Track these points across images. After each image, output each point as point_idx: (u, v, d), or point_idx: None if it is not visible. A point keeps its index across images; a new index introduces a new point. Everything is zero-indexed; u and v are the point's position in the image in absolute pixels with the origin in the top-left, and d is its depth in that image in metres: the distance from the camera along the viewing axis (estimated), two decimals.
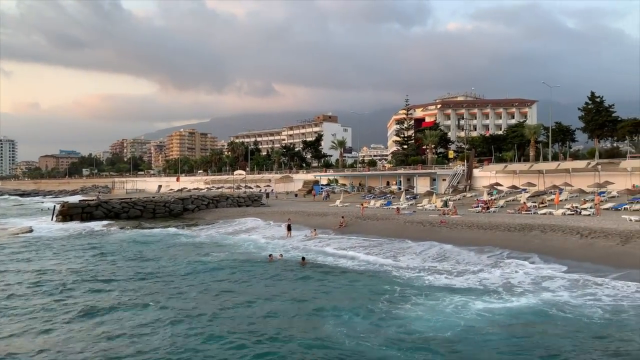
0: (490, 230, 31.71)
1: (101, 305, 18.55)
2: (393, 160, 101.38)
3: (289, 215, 44.82)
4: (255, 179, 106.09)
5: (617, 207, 40.56)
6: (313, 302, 18.87)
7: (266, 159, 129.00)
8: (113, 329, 15.83)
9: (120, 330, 15.69)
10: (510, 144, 78.93)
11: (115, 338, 14.98)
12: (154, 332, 15.45)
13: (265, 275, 23.84)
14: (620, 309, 16.81)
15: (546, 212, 40.34)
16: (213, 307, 18.14)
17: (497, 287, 20.32)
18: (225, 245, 34.24)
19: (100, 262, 28.42)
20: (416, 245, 30.16)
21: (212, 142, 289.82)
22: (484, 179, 63.63)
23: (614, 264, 22.29)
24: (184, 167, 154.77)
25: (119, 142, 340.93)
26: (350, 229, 38.06)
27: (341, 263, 26.71)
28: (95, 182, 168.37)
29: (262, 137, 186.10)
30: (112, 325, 16.24)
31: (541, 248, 26.38)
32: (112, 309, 18.09)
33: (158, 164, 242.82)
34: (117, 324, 16.36)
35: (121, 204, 55.74)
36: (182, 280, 22.96)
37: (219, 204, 61.71)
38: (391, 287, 20.70)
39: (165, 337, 14.90)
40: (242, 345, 14.26)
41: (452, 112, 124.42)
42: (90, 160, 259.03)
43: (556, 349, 13.48)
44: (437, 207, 47.83)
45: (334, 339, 14.43)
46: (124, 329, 15.73)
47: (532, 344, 13.97)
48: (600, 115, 70.77)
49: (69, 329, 15.95)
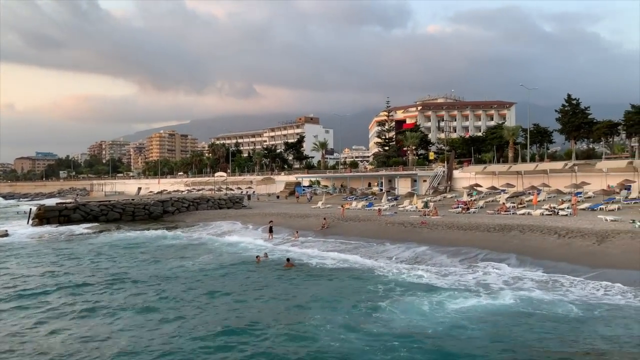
0: (470, 231, 32.01)
1: (77, 309, 18.23)
2: (374, 161, 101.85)
3: (271, 217, 44.64)
4: (236, 181, 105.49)
5: (593, 207, 41.37)
6: (296, 301, 18.90)
7: (247, 160, 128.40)
8: (88, 334, 15.55)
9: (97, 334, 15.43)
10: (489, 146, 79.97)
11: (89, 342, 14.74)
12: (134, 335, 15.22)
13: (251, 277, 23.71)
14: (589, 307, 17.23)
15: (525, 212, 40.93)
16: (195, 310, 17.97)
17: (474, 286, 20.64)
18: (207, 248, 33.97)
19: (77, 266, 27.89)
20: (397, 247, 30.36)
21: (193, 144, 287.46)
22: (463, 180, 64.34)
23: (589, 263, 22.71)
24: (164, 169, 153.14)
25: (97, 144, 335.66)
26: (332, 231, 38.08)
27: (324, 264, 26.81)
28: (73, 185, 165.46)
29: (244, 138, 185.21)
30: (85, 330, 15.96)
31: (520, 248, 26.70)
32: (87, 314, 17.80)
33: (137, 166, 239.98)
34: (90, 329, 16.08)
35: (100, 207, 54.84)
36: (164, 284, 22.65)
37: (200, 206, 61.17)
38: (374, 287, 20.90)
39: (147, 339, 14.72)
40: (224, 346, 14.20)
41: (432, 114, 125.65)
42: (68, 162, 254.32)
43: (529, 344, 13.90)
44: (418, 208, 48.18)
45: (317, 339, 14.43)
46: (101, 334, 15.47)
47: (509, 340, 14.29)
48: (576, 117, 72.11)
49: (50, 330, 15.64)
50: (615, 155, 62.48)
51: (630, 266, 21.46)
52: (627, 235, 25.53)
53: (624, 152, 64.55)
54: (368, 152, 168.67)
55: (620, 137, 75.46)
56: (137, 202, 59.64)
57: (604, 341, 14.00)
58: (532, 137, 76.75)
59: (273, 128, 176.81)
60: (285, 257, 27.45)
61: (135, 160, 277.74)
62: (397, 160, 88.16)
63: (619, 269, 21.36)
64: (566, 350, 13.44)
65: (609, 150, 69.02)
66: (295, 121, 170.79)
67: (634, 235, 25.36)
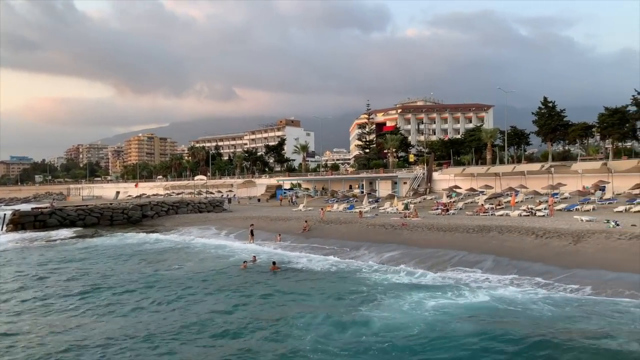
0: (450, 232, 32.32)
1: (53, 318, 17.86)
2: (355, 164, 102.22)
3: (252, 220, 44.44)
4: (216, 184, 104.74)
5: (569, 208, 42.18)
6: (277, 306, 18.84)
7: (228, 163, 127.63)
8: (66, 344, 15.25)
9: (76, 342, 15.14)
10: (468, 148, 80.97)
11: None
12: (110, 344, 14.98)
13: (236, 282, 23.51)
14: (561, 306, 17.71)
15: (503, 213, 41.51)
16: (176, 317, 17.76)
17: (451, 287, 20.94)
18: (189, 253, 33.63)
19: (52, 273, 27.31)
20: (377, 248, 30.54)
21: (172, 147, 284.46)
22: (443, 182, 64.99)
23: (564, 264, 23.12)
24: (142, 173, 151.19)
25: (74, 148, 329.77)
26: (313, 233, 38.08)
27: (308, 266, 26.98)
28: (49, 189, 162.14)
29: (224, 141, 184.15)
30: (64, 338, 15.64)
31: (498, 249, 27.07)
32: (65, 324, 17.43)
33: (116, 169, 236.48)
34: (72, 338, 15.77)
35: (77, 211, 53.91)
36: (142, 291, 22.35)
37: (179, 210, 60.57)
38: (356, 288, 21.11)
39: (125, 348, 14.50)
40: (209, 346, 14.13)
41: (412, 117, 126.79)
42: (44, 167, 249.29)
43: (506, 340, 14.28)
44: (398, 210, 48.49)
45: (297, 344, 14.40)
46: (80, 341, 15.19)
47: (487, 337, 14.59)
48: (552, 119, 73.46)
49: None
50: (590, 156, 63.86)
51: (606, 265, 21.95)
52: (601, 235, 26.09)
53: (598, 153, 66.03)
54: (349, 155, 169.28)
55: (594, 139, 77.02)
56: (116, 206, 58.80)
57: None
58: (509, 139, 77.98)
59: (254, 131, 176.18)
60: (271, 261, 27.38)
61: (114, 164, 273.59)
62: (378, 162, 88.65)
63: (592, 269, 21.85)
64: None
65: (584, 152, 70.51)
66: (276, 124, 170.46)
67: (608, 235, 25.94)
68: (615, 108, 65.98)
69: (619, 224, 28.88)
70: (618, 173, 48.52)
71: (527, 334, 14.58)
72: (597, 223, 30.77)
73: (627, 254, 22.71)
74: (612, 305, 17.52)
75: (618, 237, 25.24)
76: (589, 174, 50.88)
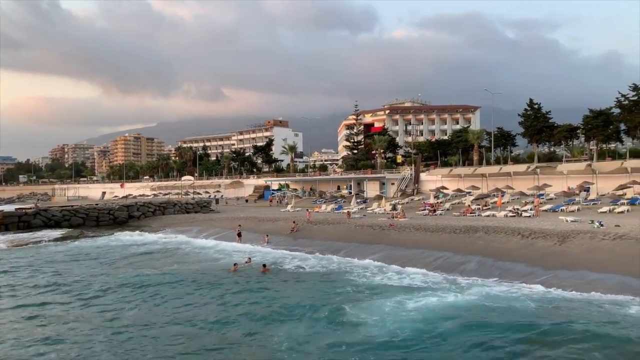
0: (437, 233, 32.49)
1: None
2: (344, 164, 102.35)
3: (240, 221, 44.26)
4: (204, 185, 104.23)
5: (554, 209, 42.64)
6: (265, 307, 18.77)
7: (215, 164, 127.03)
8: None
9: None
10: (455, 149, 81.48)
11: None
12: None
13: (225, 285, 23.20)
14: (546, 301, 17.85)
15: (489, 214, 41.83)
16: (162, 322, 17.60)
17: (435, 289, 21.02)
18: (177, 255, 33.38)
19: (35, 275, 26.93)
20: (365, 249, 30.61)
21: (159, 147, 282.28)
22: (430, 182, 65.33)
23: (548, 265, 23.35)
24: (129, 173, 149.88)
25: (59, 147, 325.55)
26: (301, 234, 38.04)
27: (295, 267, 26.88)
28: (34, 190, 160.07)
29: (211, 142, 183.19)
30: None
31: (485, 250, 27.27)
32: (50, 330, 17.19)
33: (102, 170, 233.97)
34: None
35: (62, 212, 53.27)
36: (120, 295, 22.10)
37: (166, 210, 60.14)
38: (343, 289, 21.19)
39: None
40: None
41: (400, 118, 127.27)
42: (28, 166, 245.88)
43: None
44: (386, 210, 48.66)
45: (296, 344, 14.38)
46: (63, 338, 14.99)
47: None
48: (538, 121, 74.19)
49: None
50: (575, 158, 64.60)
51: (590, 266, 22.23)
52: (586, 235, 26.41)
53: (583, 155, 66.82)
54: (337, 156, 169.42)
55: (579, 141, 77.92)
56: (102, 207, 58.22)
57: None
58: (496, 140, 78.63)
59: (242, 131, 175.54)
60: (262, 263, 27.20)
61: (100, 164, 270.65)
62: (366, 163, 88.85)
63: (576, 270, 22.11)
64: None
65: (569, 153, 71.29)
66: (264, 124, 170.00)
67: (592, 235, 26.26)
68: (599, 110, 66.85)
69: (603, 224, 29.25)
70: (602, 174, 49.17)
71: (503, 335, 14.74)
72: (582, 223, 31.14)
73: (611, 254, 23.01)
74: (592, 304, 17.73)
75: (602, 237, 25.57)
76: (574, 175, 51.50)
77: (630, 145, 70.55)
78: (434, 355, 13.54)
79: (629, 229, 27.17)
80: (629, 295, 18.47)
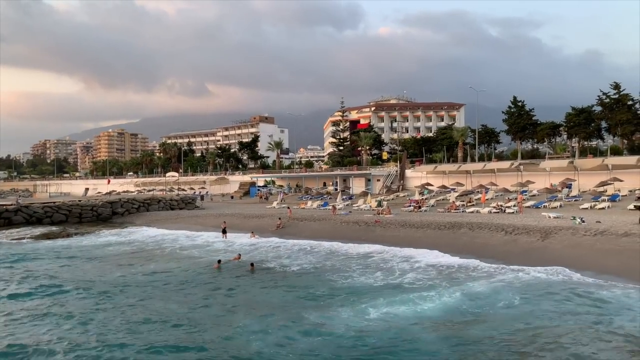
0: (422, 229, 32.75)
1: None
2: (329, 161, 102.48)
3: (225, 217, 44.08)
4: (189, 181, 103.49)
5: (537, 205, 43.21)
6: (238, 305, 18.63)
7: (200, 160, 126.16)
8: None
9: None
10: (440, 146, 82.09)
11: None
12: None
13: (213, 283, 22.95)
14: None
15: (474, 210, 42.24)
16: (147, 318, 17.44)
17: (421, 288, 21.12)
18: (160, 252, 33.06)
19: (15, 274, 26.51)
20: (350, 246, 30.70)
21: (143, 143, 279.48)
22: (415, 179, 65.73)
23: (531, 263, 23.64)
24: (112, 169, 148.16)
25: (41, 143, 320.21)
26: (287, 230, 38.02)
27: (282, 266, 26.53)
28: (15, 186, 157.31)
29: (196, 137, 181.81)
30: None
31: (469, 246, 27.57)
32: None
33: (85, 166, 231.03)
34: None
35: (44, 209, 52.45)
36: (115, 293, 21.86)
37: (150, 207, 59.60)
38: (324, 288, 20.93)
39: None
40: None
41: (385, 115, 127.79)
42: (9, 162, 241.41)
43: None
44: (372, 207, 48.83)
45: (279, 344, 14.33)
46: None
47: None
48: (521, 118, 75.15)
49: None
50: (557, 155, 65.55)
51: (571, 264, 22.62)
52: (568, 231, 26.87)
53: (565, 152, 67.86)
54: (323, 152, 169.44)
55: (562, 138, 79.14)
56: (85, 203, 57.43)
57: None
58: (480, 137, 79.40)
59: (227, 127, 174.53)
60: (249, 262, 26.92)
61: (83, 160, 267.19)
62: (352, 160, 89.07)
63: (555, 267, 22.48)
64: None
65: (552, 151, 72.30)
66: (249, 120, 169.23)
67: (574, 231, 26.71)
68: (581, 108, 67.94)
69: (584, 220, 29.77)
70: (584, 171, 49.94)
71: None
72: (564, 220, 31.65)
73: (591, 250, 23.44)
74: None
75: (583, 233, 26.04)
76: (557, 172, 52.22)
77: (611, 143, 71.77)
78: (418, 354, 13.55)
79: (610, 225, 27.69)
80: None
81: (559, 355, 12.70)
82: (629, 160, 48.86)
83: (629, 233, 24.73)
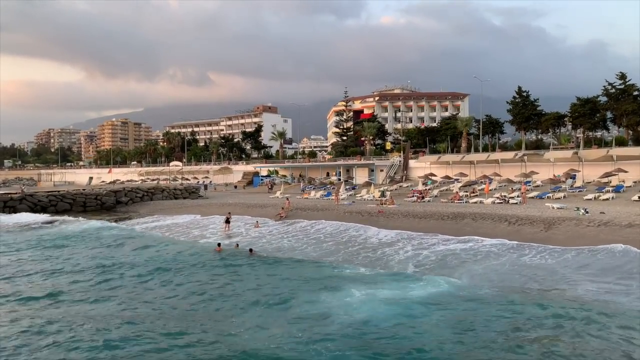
0: (425, 219, 32.78)
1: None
2: (333, 151, 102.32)
3: (229, 207, 44.18)
4: (192, 171, 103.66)
5: (541, 196, 43.12)
6: (253, 293, 18.75)
7: (204, 149, 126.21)
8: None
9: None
10: (443, 136, 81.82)
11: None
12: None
13: (211, 268, 23.17)
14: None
15: (477, 201, 42.22)
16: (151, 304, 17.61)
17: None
18: (167, 240, 33.23)
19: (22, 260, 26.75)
20: (352, 233, 30.75)
21: (147, 132, 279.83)
22: (419, 169, 65.62)
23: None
24: (116, 159, 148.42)
25: (45, 132, 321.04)
26: (290, 220, 38.09)
27: (284, 253, 26.74)
28: (19, 174, 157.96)
29: (200, 127, 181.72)
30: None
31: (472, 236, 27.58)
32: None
33: (89, 155, 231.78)
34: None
35: (48, 197, 52.74)
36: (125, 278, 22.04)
37: (154, 196, 59.81)
38: (325, 275, 20.97)
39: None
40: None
41: (389, 105, 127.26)
42: (13, 151, 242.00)
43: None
44: (375, 197, 48.83)
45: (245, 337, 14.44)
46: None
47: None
48: (526, 109, 74.75)
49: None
50: (561, 145, 65.26)
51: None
52: (571, 222, 26.87)
53: (569, 142, 67.52)
54: (326, 142, 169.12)
55: (566, 129, 78.72)
56: (89, 192, 57.73)
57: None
58: (484, 128, 79.07)
59: (230, 117, 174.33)
60: (248, 248, 27.16)
61: (87, 149, 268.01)
62: (355, 150, 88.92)
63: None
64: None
65: (556, 141, 71.97)
66: (253, 110, 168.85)
67: (578, 222, 26.70)
68: (586, 98, 67.47)
69: (588, 211, 29.73)
70: (588, 162, 49.74)
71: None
72: (568, 210, 31.60)
73: (595, 241, 23.43)
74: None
75: (587, 224, 26.03)
76: (561, 162, 52.04)
77: (616, 134, 71.36)
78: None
79: (614, 216, 27.66)
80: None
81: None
82: (634, 152, 48.59)
83: (633, 224, 24.72)
